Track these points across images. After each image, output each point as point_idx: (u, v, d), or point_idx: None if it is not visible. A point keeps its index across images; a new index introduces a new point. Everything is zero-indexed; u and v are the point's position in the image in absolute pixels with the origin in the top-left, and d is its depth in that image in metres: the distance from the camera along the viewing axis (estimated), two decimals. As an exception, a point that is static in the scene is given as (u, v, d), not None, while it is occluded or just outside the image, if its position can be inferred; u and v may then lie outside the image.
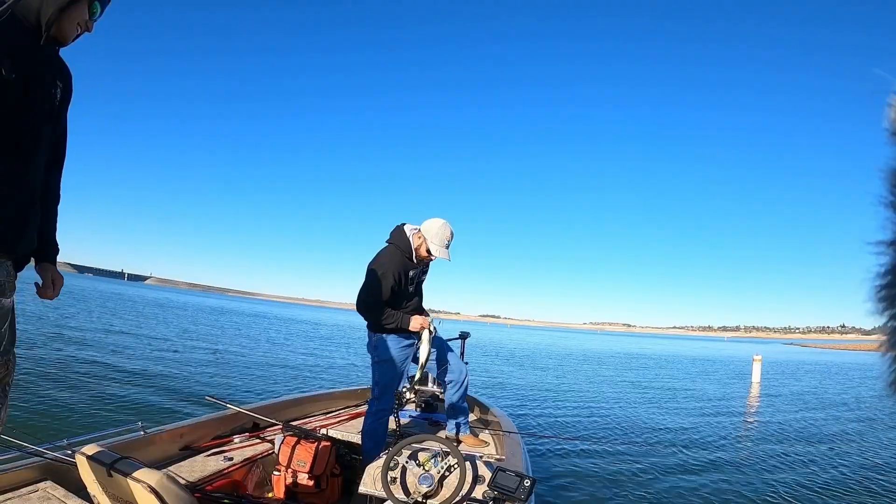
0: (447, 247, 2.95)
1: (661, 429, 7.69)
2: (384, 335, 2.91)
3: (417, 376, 2.99)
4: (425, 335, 2.92)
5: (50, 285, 1.45)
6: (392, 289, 2.86)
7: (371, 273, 2.87)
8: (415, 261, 2.96)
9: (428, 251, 2.93)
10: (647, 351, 39.85)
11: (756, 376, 16.50)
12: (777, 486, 4.96)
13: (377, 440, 2.83)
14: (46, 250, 1.47)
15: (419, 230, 2.97)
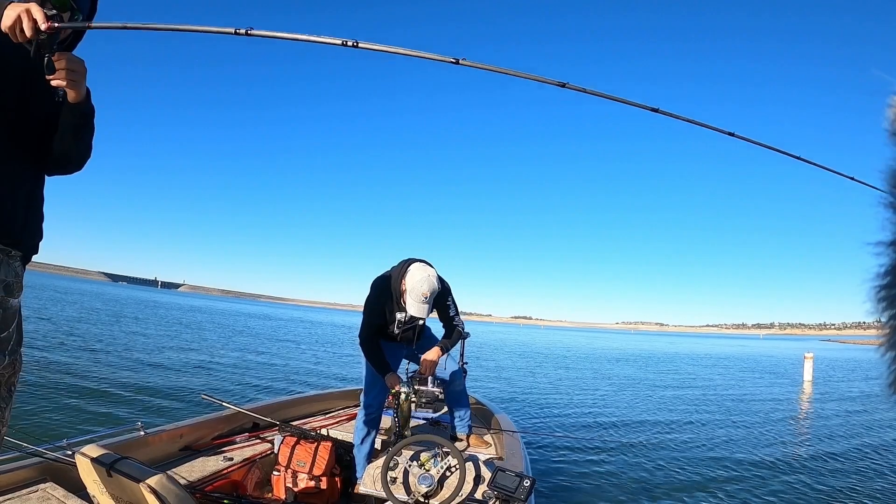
0: (425, 302, 2.65)
1: (680, 432, 7.21)
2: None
3: (380, 446, 2.94)
4: (401, 399, 2.83)
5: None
6: (371, 327, 2.82)
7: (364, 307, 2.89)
8: (402, 306, 2.77)
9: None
10: (681, 350, 37.73)
11: (808, 374, 15.49)
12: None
13: (360, 434, 2.87)
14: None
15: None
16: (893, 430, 8.00)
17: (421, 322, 2.89)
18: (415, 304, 2.66)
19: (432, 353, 2.86)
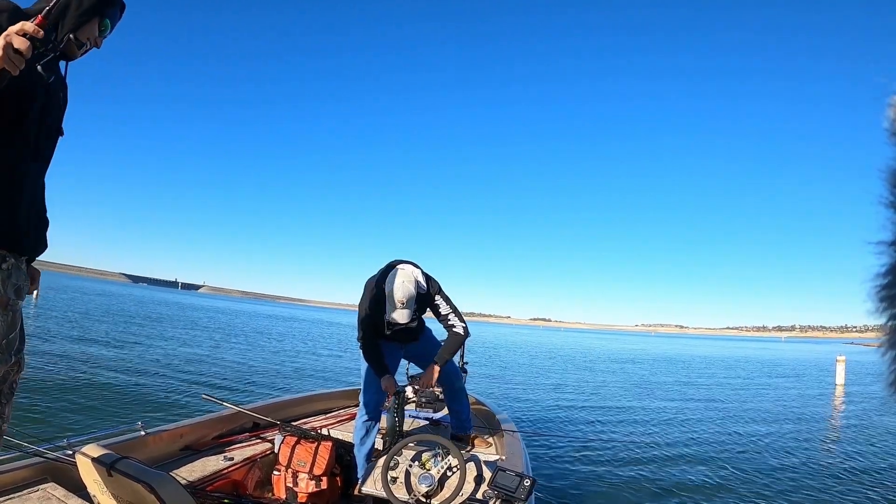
0: (403, 307, 2.62)
1: (689, 436, 6.97)
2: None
3: (380, 445, 2.92)
4: (390, 403, 2.83)
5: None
6: (366, 328, 2.80)
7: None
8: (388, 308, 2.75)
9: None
10: (703, 353, 36.56)
11: (840, 378, 14.90)
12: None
13: (360, 434, 2.87)
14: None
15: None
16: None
17: (413, 325, 2.83)
18: (394, 310, 2.64)
19: (430, 373, 2.82)
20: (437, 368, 2.79)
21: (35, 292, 1.50)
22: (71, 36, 1.29)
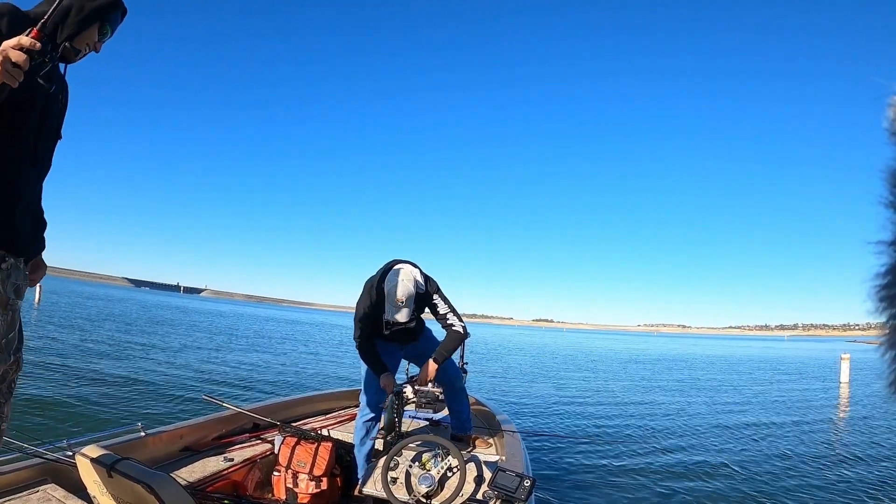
0: (402, 306, 2.63)
1: (690, 436, 7.01)
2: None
3: (380, 446, 2.93)
4: (388, 401, 2.84)
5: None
6: (364, 327, 2.78)
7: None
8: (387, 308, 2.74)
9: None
10: (706, 353, 36.32)
11: (845, 376, 14.91)
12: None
13: (360, 434, 2.88)
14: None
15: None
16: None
17: (412, 324, 2.82)
18: (393, 309, 2.64)
19: (427, 369, 2.80)
20: (434, 364, 2.78)
21: (38, 289, 1.50)
22: (68, 44, 1.30)
